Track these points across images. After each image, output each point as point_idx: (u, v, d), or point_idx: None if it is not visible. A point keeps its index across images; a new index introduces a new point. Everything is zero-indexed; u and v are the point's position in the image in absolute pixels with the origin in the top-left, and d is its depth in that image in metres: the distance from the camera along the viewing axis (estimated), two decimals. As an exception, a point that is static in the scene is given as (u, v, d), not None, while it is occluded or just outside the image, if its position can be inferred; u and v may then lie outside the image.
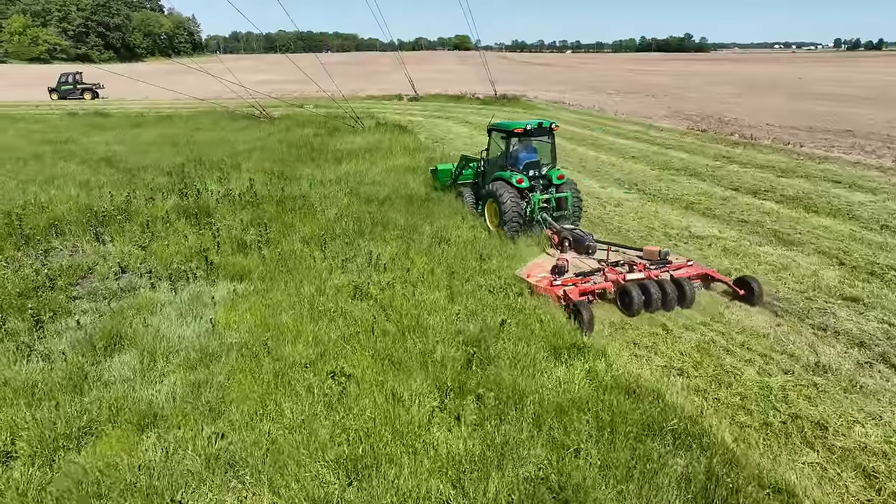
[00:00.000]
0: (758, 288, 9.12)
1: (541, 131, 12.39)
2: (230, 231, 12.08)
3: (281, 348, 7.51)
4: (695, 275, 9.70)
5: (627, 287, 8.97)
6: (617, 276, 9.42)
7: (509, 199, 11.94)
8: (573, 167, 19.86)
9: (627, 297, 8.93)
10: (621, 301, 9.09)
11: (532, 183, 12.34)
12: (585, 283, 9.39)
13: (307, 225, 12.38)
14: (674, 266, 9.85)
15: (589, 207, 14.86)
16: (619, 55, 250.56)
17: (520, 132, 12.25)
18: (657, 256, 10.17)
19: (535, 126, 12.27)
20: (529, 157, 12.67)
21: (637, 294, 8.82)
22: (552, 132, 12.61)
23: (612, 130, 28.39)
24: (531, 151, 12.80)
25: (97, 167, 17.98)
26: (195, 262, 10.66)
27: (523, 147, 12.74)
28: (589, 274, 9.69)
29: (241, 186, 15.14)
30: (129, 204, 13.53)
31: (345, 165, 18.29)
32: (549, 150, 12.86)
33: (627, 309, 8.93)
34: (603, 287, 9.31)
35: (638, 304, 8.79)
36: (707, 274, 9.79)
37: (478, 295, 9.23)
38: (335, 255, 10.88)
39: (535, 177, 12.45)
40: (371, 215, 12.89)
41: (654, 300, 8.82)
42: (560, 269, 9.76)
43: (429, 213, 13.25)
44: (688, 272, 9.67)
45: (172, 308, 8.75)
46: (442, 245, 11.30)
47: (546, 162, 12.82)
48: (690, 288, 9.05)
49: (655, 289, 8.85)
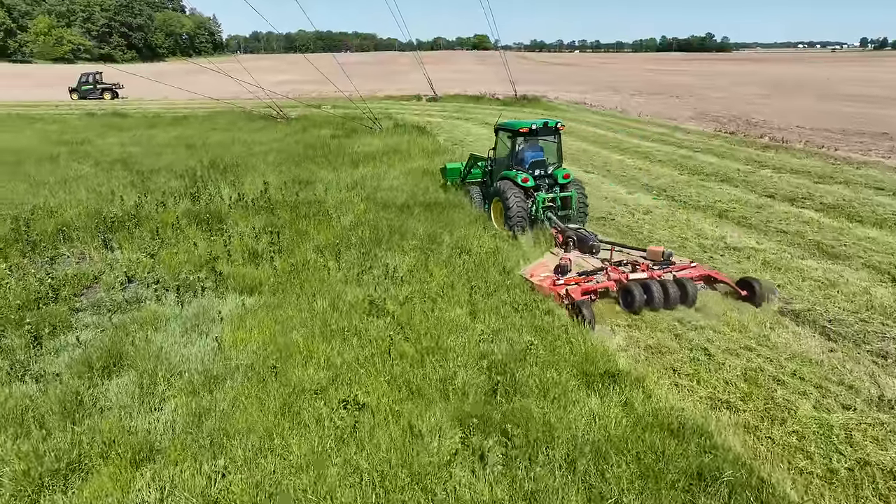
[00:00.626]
0: (759, 289, 9.08)
1: (546, 131, 12.43)
2: (242, 238, 11.59)
3: (290, 372, 6.96)
4: (697, 276, 9.69)
5: (629, 286, 8.96)
6: (620, 276, 9.44)
7: (514, 198, 11.95)
8: (598, 171, 19.13)
9: (629, 296, 8.91)
10: (623, 300, 9.06)
11: (537, 182, 12.38)
12: (588, 282, 9.39)
13: (321, 233, 11.85)
14: (677, 267, 9.87)
15: (617, 215, 14.16)
16: (639, 55, 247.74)
17: (525, 132, 12.32)
18: (661, 257, 10.15)
19: (541, 125, 12.32)
20: (535, 157, 12.67)
21: (639, 292, 8.81)
22: (558, 132, 12.62)
23: (636, 133, 27.56)
24: (537, 151, 12.81)
25: (111, 169, 17.66)
26: (204, 272, 10.18)
27: (529, 146, 12.79)
28: (592, 273, 9.70)
29: (254, 191, 14.67)
30: (139, 209, 13.12)
31: (361, 169, 17.76)
32: (555, 150, 12.87)
33: (629, 307, 8.92)
34: (605, 286, 9.30)
35: (640, 302, 8.80)
36: (710, 275, 9.74)
37: (501, 312, 8.62)
38: (350, 265, 10.33)
39: (540, 176, 12.48)
40: (388, 223, 12.32)
41: (657, 299, 8.82)
42: (563, 268, 9.74)
43: (449, 220, 12.65)
44: (690, 273, 9.66)
45: (177, 323, 8.25)
46: (463, 256, 10.70)
47: (552, 161, 12.81)
48: (693, 287, 9.03)
49: (657, 288, 8.86)
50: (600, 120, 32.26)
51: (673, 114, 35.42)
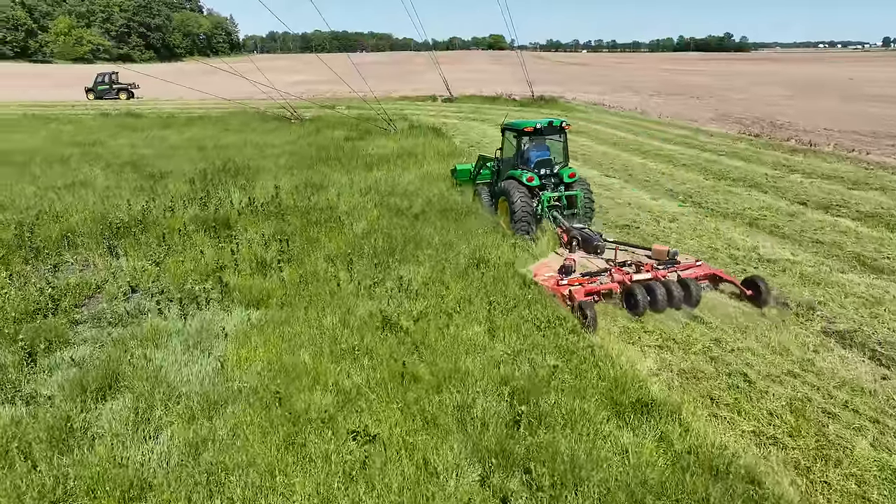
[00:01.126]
0: (765, 288, 8.98)
1: (551, 130, 12.53)
2: (250, 246, 11.14)
3: (296, 396, 6.47)
4: (702, 275, 9.63)
5: (632, 289, 8.91)
6: (623, 277, 9.35)
7: (519, 197, 12.01)
8: (619, 176, 18.47)
9: (633, 299, 8.85)
10: (627, 302, 8.99)
11: (543, 181, 12.43)
12: (591, 283, 9.33)
13: (333, 241, 11.37)
14: (682, 266, 9.77)
15: (641, 223, 13.53)
16: (656, 55, 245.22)
17: (530, 131, 12.42)
18: (666, 256, 10.05)
19: (546, 125, 12.43)
20: (541, 156, 12.72)
21: (642, 296, 8.75)
22: (563, 131, 12.68)
23: (657, 135, 26.81)
24: (543, 150, 12.86)
25: (121, 172, 17.34)
26: (210, 283, 9.75)
27: (535, 146, 12.83)
28: (595, 274, 9.63)
29: (265, 195, 14.23)
30: (146, 214, 12.73)
31: (375, 172, 17.27)
32: (561, 149, 12.90)
33: (633, 310, 8.84)
34: (609, 288, 9.22)
35: (643, 305, 8.72)
36: (715, 274, 9.69)
37: (522, 330, 8.06)
38: (362, 277, 9.83)
39: (546, 175, 12.52)
40: (402, 231, 11.81)
41: (660, 301, 8.73)
42: (567, 268, 9.67)
43: (465, 228, 12.11)
44: (695, 273, 9.60)
45: (179, 339, 7.79)
46: (481, 267, 10.14)
47: (559, 160, 12.85)
48: (696, 288, 8.99)
49: (661, 290, 8.78)
50: (620, 122, 31.52)
51: (693, 115, 34.56)
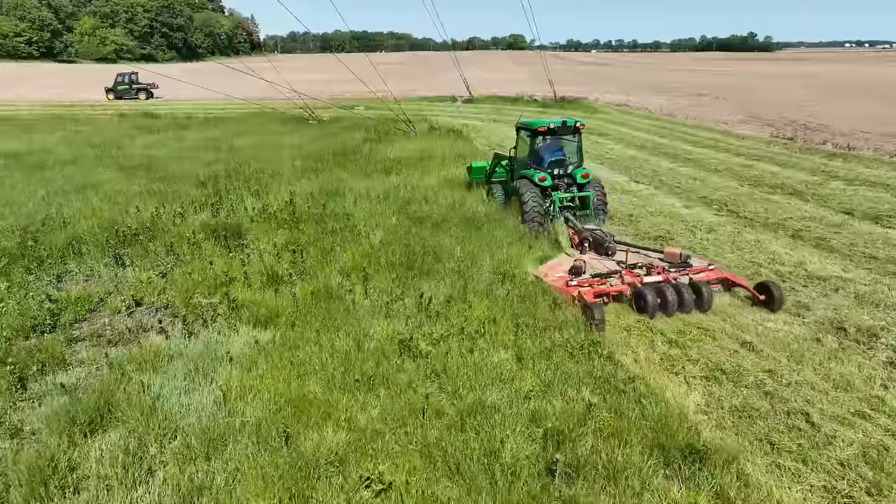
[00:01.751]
0: (778, 294, 8.85)
1: (566, 130, 12.43)
2: (261, 257, 10.56)
3: (304, 434, 5.83)
4: (714, 279, 9.52)
5: (642, 290, 8.82)
6: (634, 279, 9.30)
7: (530, 197, 11.98)
8: (649, 182, 17.61)
9: (642, 301, 8.75)
10: (637, 304, 8.88)
11: (556, 182, 12.36)
12: (601, 284, 9.25)
13: (349, 251, 10.73)
14: (694, 270, 9.64)
15: (675, 234, 12.70)
16: (678, 55, 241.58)
17: (543, 130, 12.38)
18: (678, 259, 9.89)
19: (559, 124, 12.35)
20: (554, 156, 12.64)
21: (652, 298, 8.66)
22: (578, 131, 12.59)
23: (686, 138, 25.84)
24: (556, 150, 12.77)
25: (133, 175, 16.92)
26: (218, 297, 9.17)
27: (548, 145, 12.76)
28: (606, 276, 9.52)
29: (279, 201, 13.66)
30: (155, 220, 12.22)
31: (394, 177, 16.64)
32: (575, 149, 12.81)
33: (642, 312, 8.74)
34: (619, 290, 9.18)
35: (653, 307, 8.64)
36: (727, 278, 9.59)
37: (553, 357, 7.34)
38: (379, 293, 9.18)
39: (559, 175, 12.45)
40: (422, 241, 11.13)
41: (671, 304, 8.64)
42: (577, 269, 9.52)
43: (489, 238, 11.40)
44: (707, 276, 9.48)
45: (180, 364, 7.19)
46: (506, 283, 9.44)
47: (573, 161, 12.75)
48: (708, 291, 8.89)
49: (671, 292, 8.70)
50: (646, 123, 30.54)
51: (722, 117, 33.41)
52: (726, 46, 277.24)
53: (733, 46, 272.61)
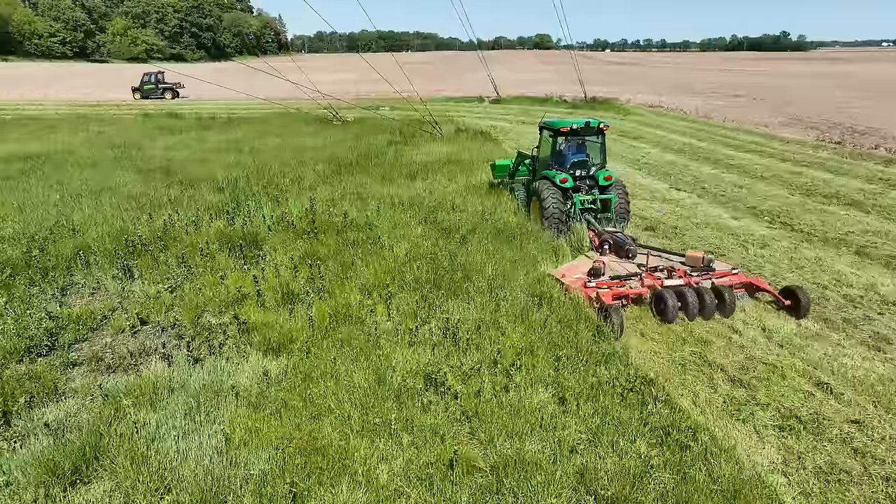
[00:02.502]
0: (804, 299, 8.52)
1: (588, 130, 12.15)
2: (277, 271, 9.81)
3: (314, 492, 5.02)
4: (738, 284, 9.17)
5: (662, 293, 8.53)
6: (654, 282, 9.06)
7: (551, 198, 11.77)
8: (691, 189, 16.49)
9: (662, 304, 8.46)
10: (656, 307, 8.61)
11: (577, 183, 12.09)
12: (621, 286, 8.99)
13: (371, 266, 9.92)
14: (717, 273, 9.33)
15: (726, 249, 11.64)
16: (708, 54, 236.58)
17: (566, 131, 12.12)
18: (700, 263, 9.58)
19: (583, 125, 12.08)
20: (577, 157, 12.44)
21: (672, 300, 8.36)
22: (602, 132, 12.29)
23: (726, 141, 24.55)
24: (579, 151, 12.58)
25: (151, 178, 16.38)
26: (228, 317, 8.44)
27: (571, 146, 12.53)
28: (625, 278, 9.27)
29: (299, 208, 12.93)
30: (168, 229, 11.57)
31: (419, 182, 15.81)
32: (599, 150, 12.52)
33: (662, 315, 8.47)
34: (638, 293, 8.93)
35: (673, 310, 8.35)
36: (752, 283, 9.23)
37: (601, 399, 6.42)
38: (403, 315, 8.35)
39: (581, 177, 12.18)
40: (450, 255, 10.28)
41: (691, 307, 8.38)
42: (596, 271, 9.33)
43: (523, 253, 10.51)
44: (731, 281, 9.14)
45: (181, 398, 6.44)
46: (543, 306, 8.53)
47: (596, 162, 12.47)
48: (731, 296, 8.59)
49: (693, 296, 8.44)
50: (682, 126, 29.24)
51: (761, 119, 31.92)
52: (758, 46, 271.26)
53: (765, 46, 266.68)
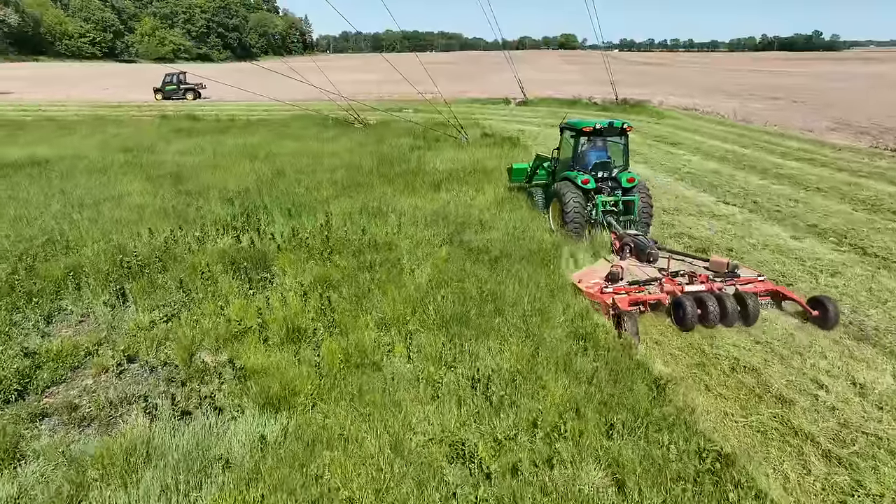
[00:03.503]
0: (833, 309, 8.16)
1: (611, 131, 11.90)
2: (285, 300, 8.72)
3: None
4: (763, 291, 8.86)
5: (681, 299, 8.21)
6: (674, 287, 8.72)
7: (572, 199, 11.49)
8: (741, 203, 15.04)
9: (681, 310, 8.17)
10: (675, 314, 8.33)
11: (599, 184, 11.86)
12: (639, 292, 8.71)
13: (389, 294, 8.79)
14: (741, 280, 8.98)
15: (792, 276, 10.25)
16: (738, 55, 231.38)
17: (588, 131, 11.89)
18: (725, 268, 9.16)
19: (606, 126, 11.82)
20: (599, 158, 12.19)
21: (691, 307, 8.05)
22: (625, 132, 12.04)
23: (771, 148, 22.92)
24: (601, 152, 12.34)
25: (160, 185, 15.47)
26: (226, 354, 7.40)
27: (593, 147, 12.32)
28: (644, 283, 8.95)
29: (312, 224, 11.87)
30: (169, 246, 10.58)
31: (444, 193, 14.64)
32: (621, 152, 12.30)
33: (680, 323, 8.21)
34: (656, 298, 8.61)
35: (692, 318, 8.06)
36: (778, 291, 8.87)
37: (668, 483, 5.18)
38: (425, 358, 7.20)
39: (603, 178, 11.96)
40: (478, 283, 9.11)
41: (711, 315, 8.04)
42: (614, 276, 8.99)
43: (561, 282, 9.28)
44: (756, 288, 8.82)
45: (158, 471, 5.35)
46: (588, 351, 7.31)
47: (618, 164, 12.25)
48: (755, 304, 8.23)
49: (713, 303, 8.07)
50: (722, 131, 27.59)
51: (805, 123, 30.15)
52: (789, 46, 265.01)
53: (796, 46, 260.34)
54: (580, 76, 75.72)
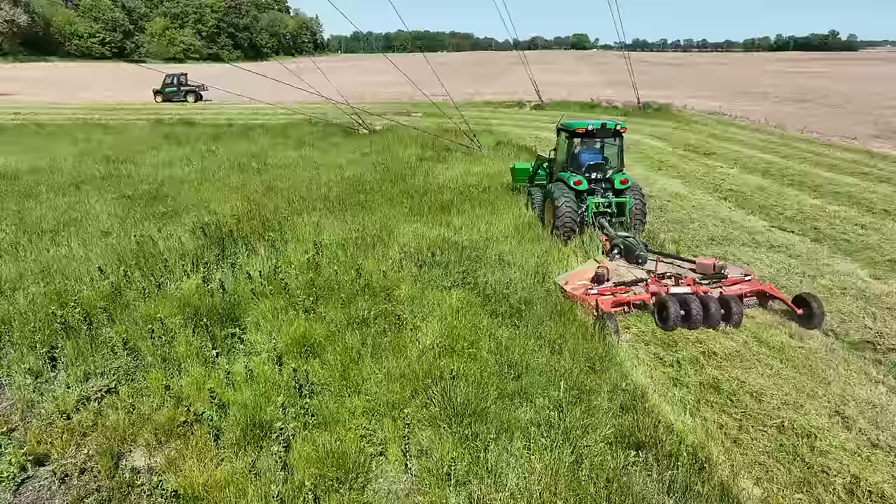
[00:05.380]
0: (818, 307, 8.17)
1: (605, 132, 11.86)
2: (250, 374, 6.84)
3: None
4: (749, 291, 8.93)
5: (665, 300, 8.18)
6: (660, 289, 8.64)
7: (564, 201, 11.41)
8: (799, 228, 12.95)
9: (665, 312, 8.13)
10: (658, 315, 8.29)
11: (592, 186, 11.82)
12: (624, 293, 8.70)
13: (383, 364, 6.91)
14: (728, 281, 9.00)
15: (878, 330, 8.23)
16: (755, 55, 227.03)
17: (582, 132, 11.83)
18: (712, 270, 9.16)
19: (599, 127, 11.74)
20: (593, 159, 12.20)
21: (675, 309, 8.04)
22: (619, 134, 11.97)
23: (817, 160, 20.73)
24: (595, 153, 12.33)
25: (134, 205, 13.67)
26: (163, 457, 5.54)
27: (587, 148, 12.33)
28: (630, 284, 8.96)
29: (298, 258, 10.00)
30: (123, 289, 8.75)
31: (455, 217, 12.71)
32: (616, 153, 12.22)
33: (664, 324, 8.16)
34: (640, 299, 8.61)
35: (675, 319, 8.04)
36: (764, 291, 8.89)
37: None
38: (427, 472, 5.31)
39: (596, 179, 11.91)
40: (498, 349, 7.19)
41: (695, 316, 8.04)
42: (600, 277, 8.97)
43: (604, 346, 7.34)
44: (741, 288, 8.88)
45: None
46: (647, 462, 5.37)
47: (613, 165, 12.21)
48: (738, 307, 8.28)
49: (696, 305, 8.10)
50: (757, 140, 25.39)
51: (845, 129, 27.84)
52: (805, 46, 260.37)
53: (813, 46, 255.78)
54: (595, 77, 73.58)
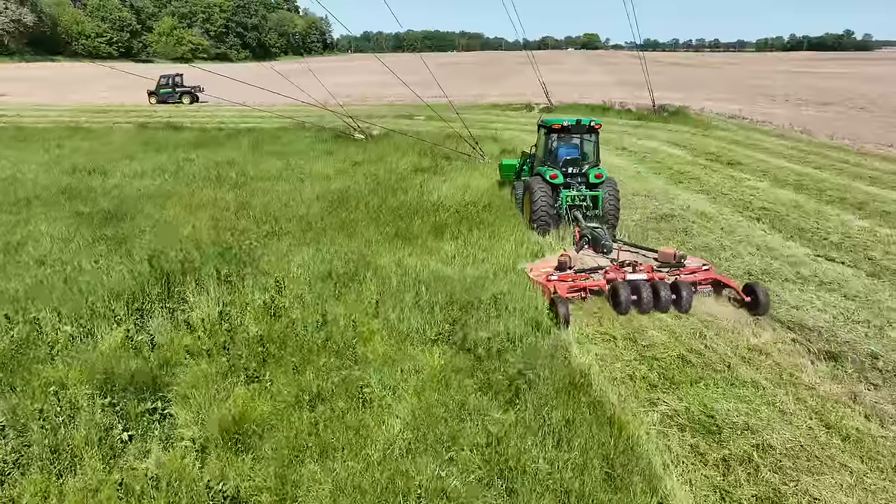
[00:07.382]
0: (763, 296, 8.57)
1: (580, 129, 12.43)
2: (156, 482, 5.14)
3: None
4: (704, 280, 9.34)
5: (617, 286, 8.65)
6: (617, 275, 9.07)
7: (540, 195, 11.79)
8: (848, 258, 11.09)
9: (616, 296, 8.58)
10: (612, 299, 8.72)
11: (568, 180, 12.25)
12: (583, 279, 9.07)
13: (333, 467, 5.20)
14: (686, 270, 9.44)
15: None
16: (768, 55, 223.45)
17: (558, 128, 12.38)
18: (672, 259, 9.57)
19: (574, 123, 12.36)
20: (569, 154, 12.63)
21: (626, 293, 8.52)
22: (594, 130, 12.50)
23: (855, 171, 18.77)
24: (571, 148, 12.73)
25: (85, 225, 12.05)
26: None
27: (564, 144, 12.73)
28: (589, 271, 9.37)
29: (253, 303, 8.31)
30: (21, 348, 7.08)
31: (449, 243, 10.99)
32: (592, 149, 12.71)
33: (617, 308, 8.59)
34: (597, 285, 9.02)
35: (626, 303, 8.50)
36: (719, 280, 9.32)
37: None
38: None
39: (573, 174, 12.36)
40: (488, 443, 5.46)
41: (645, 301, 8.51)
42: (562, 264, 9.30)
43: (625, 436, 5.60)
44: (696, 277, 9.30)
45: None
46: None
47: (590, 160, 12.66)
48: (688, 293, 8.64)
49: (647, 290, 8.54)
50: (785, 147, 23.43)
51: (876, 136, 25.84)
52: (818, 45, 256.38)
53: (827, 46, 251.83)
54: (606, 77, 71.56)
